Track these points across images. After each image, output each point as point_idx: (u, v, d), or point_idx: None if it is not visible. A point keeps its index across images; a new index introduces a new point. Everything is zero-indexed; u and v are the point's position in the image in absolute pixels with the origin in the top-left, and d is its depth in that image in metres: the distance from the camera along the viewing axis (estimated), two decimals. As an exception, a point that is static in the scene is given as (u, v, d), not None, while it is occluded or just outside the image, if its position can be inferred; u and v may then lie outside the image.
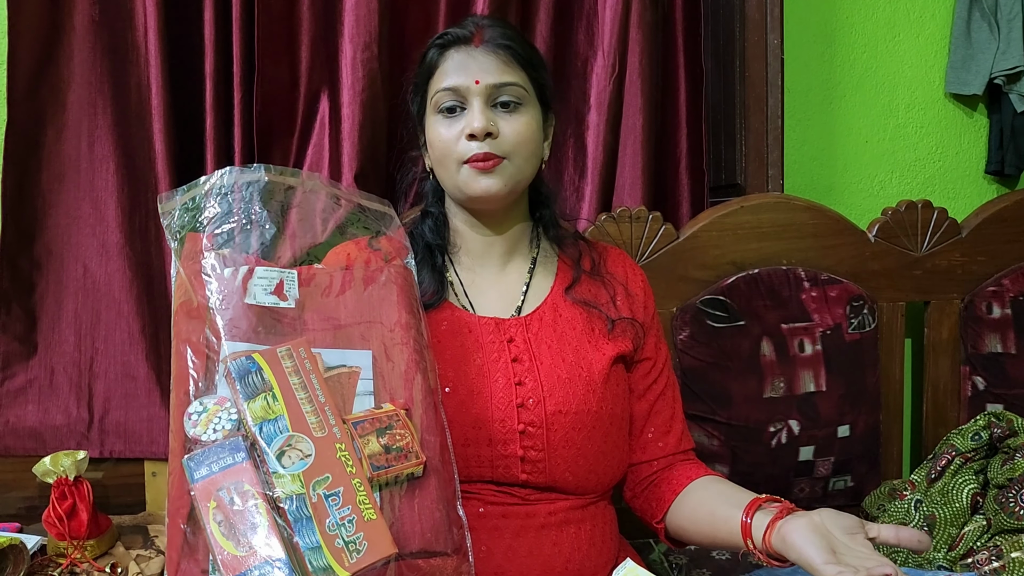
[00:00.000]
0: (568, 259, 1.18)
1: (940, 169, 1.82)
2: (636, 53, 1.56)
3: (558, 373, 1.07)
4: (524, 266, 1.16)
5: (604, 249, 1.23)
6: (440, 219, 1.16)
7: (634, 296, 1.18)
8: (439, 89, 1.08)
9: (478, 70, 1.06)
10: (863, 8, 1.78)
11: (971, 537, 1.32)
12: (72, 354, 1.53)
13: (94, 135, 1.51)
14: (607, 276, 1.18)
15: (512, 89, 1.07)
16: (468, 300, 1.13)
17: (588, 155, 1.60)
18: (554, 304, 1.13)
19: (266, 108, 1.50)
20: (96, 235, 1.52)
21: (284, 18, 1.49)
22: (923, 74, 1.80)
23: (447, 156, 1.07)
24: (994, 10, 1.72)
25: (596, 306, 1.14)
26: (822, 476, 1.57)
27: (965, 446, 1.41)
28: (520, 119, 1.08)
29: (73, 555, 1.34)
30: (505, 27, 1.11)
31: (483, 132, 1.04)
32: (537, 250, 1.18)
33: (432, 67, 1.09)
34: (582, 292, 1.15)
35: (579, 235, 1.24)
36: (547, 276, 1.17)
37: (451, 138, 1.07)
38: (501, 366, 1.07)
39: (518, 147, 1.07)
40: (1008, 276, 1.59)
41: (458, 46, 1.08)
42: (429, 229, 1.16)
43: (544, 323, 1.11)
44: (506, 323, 1.10)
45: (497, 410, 1.04)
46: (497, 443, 1.04)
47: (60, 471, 1.36)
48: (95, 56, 1.49)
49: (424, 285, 1.10)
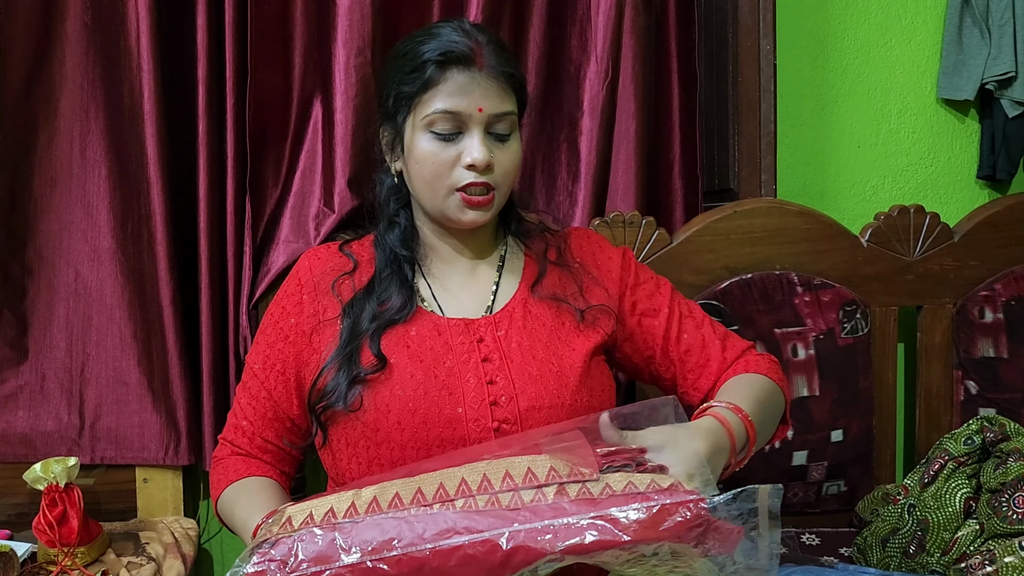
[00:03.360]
0: (534, 253, 1.19)
1: (932, 174, 1.82)
2: (629, 58, 1.56)
3: (529, 370, 1.07)
4: (493, 265, 1.17)
5: (567, 234, 1.23)
6: (408, 229, 1.16)
7: (604, 275, 1.19)
8: (438, 110, 1.05)
9: (481, 96, 1.05)
10: (855, 14, 1.79)
11: (964, 542, 1.32)
12: (63, 359, 1.53)
13: (86, 140, 1.50)
14: (574, 265, 1.19)
15: (509, 118, 1.09)
16: (437, 304, 1.13)
17: (582, 160, 1.60)
18: (523, 301, 1.14)
19: (259, 113, 1.50)
20: (88, 240, 1.52)
21: (277, 23, 1.49)
22: (915, 79, 1.80)
23: (438, 179, 1.07)
24: (985, 16, 1.73)
25: (564, 299, 1.14)
26: (815, 481, 1.57)
27: (958, 450, 1.41)
28: (512, 148, 1.10)
29: (63, 562, 1.33)
30: (502, 47, 1.10)
31: (485, 164, 1.05)
32: (505, 247, 1.19)
33: (429, 82, 1.06)
34: (549, 287, 1.15)
35: (543, 225, 1.25)
36: (515, 273, 1.17)
37: (446, 162, 1.06)
38: (472, 367, 1.07)
39: (508, 176, 1.09)
40: (1000, 281, 1.59)
41: (460, 66, 1.05)
42: (397, 239, 1.15)
43: (514, 321, 1.12)
44: (475, 323, 1.11)
45: (470, 409, 1.05)
46: (471, 442, 1.04)
47: (51, 477, 1.35)
48: (87, 61, 1.48)
49: (392, 300, 1.10)
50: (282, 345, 1.13)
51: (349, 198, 1.52)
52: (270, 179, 1.54)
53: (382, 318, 1.09)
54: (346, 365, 1.06)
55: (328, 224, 1.52)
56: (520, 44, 1.57)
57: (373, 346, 1.07)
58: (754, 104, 1.62)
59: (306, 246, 1.50)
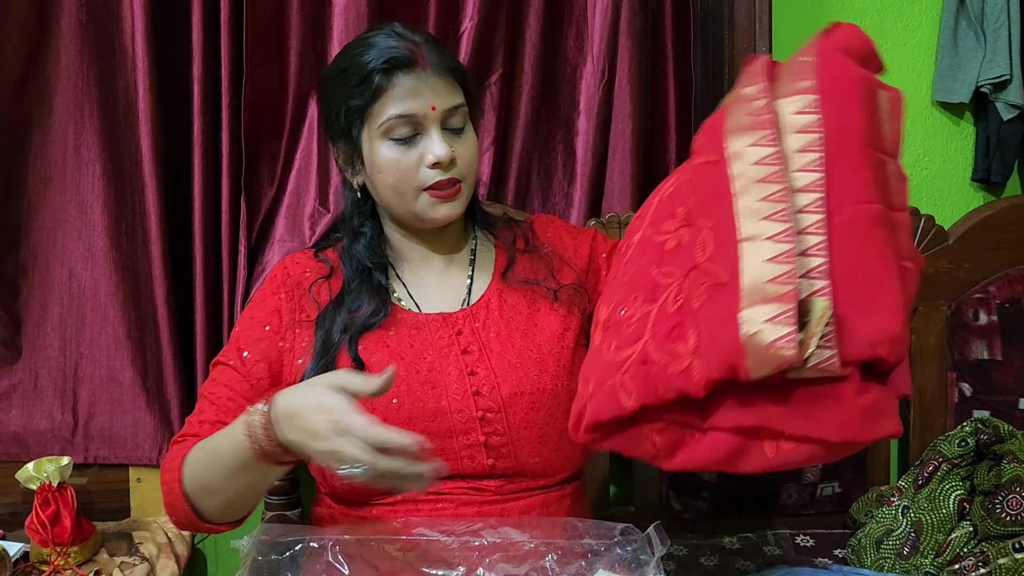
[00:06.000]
0: (503, 243, 1.21)
1: (927, 177, 1.83)
2: (625, 60, 1.56)
3: (508, 358, 1.09)
4: (465, 259, 1.19)
5: (532, 221, 1.26)
6: (375, 238, 1.16)
7: (572, 255, 1.20)
8: (392, 116, 1.06)
9: (432, 95, 1.07)
10: (851, 17, 1.78)
11: (958, 543, 1.32)
12: (57, 359, 1.52)
13: (80, 138, 1.50)
14: (542, 249, 1.20)
15: (461, 111, 1.10)
16: (414, 302, 1.15)
17: (577, 161, 1.61)
18: (498, 290, 1.16)
19: (254, 112, 1.49)
20: (82, 239, 1.51)
21: (273, 22, 1.49)
22: (910, 82, 1.80)
23: (404, 183, 1.08)
24: (980, 19, 1.73)
25: (536, 282, 1.16)
26: (810, 482, 1.57)
27: (952, 452, 1.42)
28: (469, 139, 1.11)
29: (56, 562, 1.33)
30: (439, 44, 1.12)
31: (449, 159, 1.07)
32: (475, 241, 1.21)
33: (378, 91, 1.06)
34: (520, 273, 1.17)
35: (507, 216, 1.27)
36: (487, 264, 1.19)
37: (409, 166, 1.07)
38: (452, 359, 1.09)
39: (471, 167, 1.11)
40: (994, 283, 1.59)
41: (405, 70, 1.06)
42: (364, 250, 1.15)
43: (490, 311, 1.14)
44: (453, 317, 1.13)
45: (454, 400, 1.06)
46: (458, 433, 1.06)
47: (43, 477, 1.35)
48: (82, 59, 1.48)
49: (363, 308, 1.10)
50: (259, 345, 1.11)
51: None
52: (265, 178, 1.54)
53: (355, 326, 1.09)
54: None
55: (323, 224, 1.52)
56: (516, 45, 1.57)
57: (351, 351, 1.08)
58: (750, 106, 1.62)
59: (301, 245, 1.50)
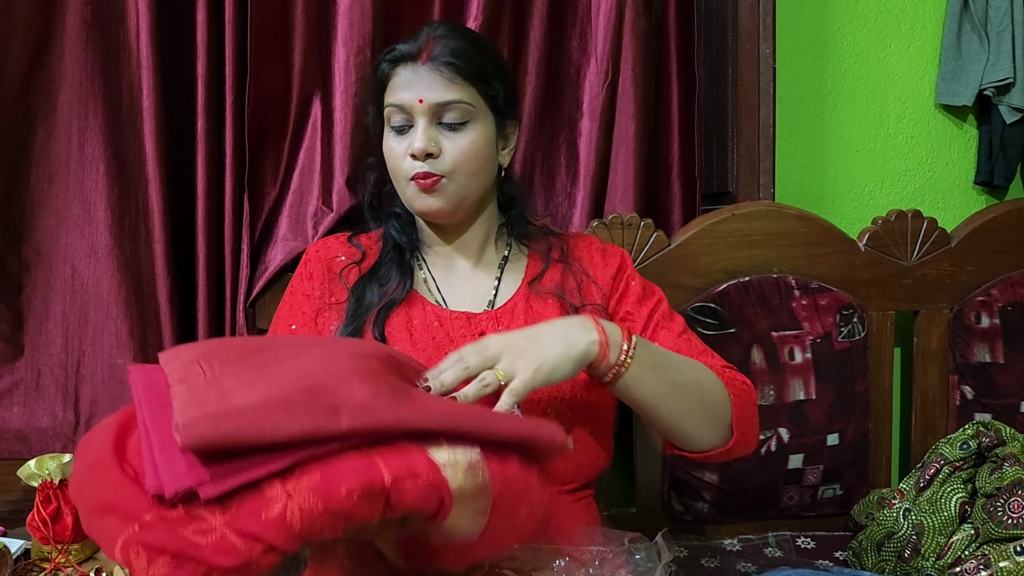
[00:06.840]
0: (538, 253, 1.21)
1: (930, 179, 1.83)
2: (629, 60, 1.56)
3: None
4: (494, 263, 1.20)
5: (573, 237, 1.26)
6: (406, 219, 1.21)
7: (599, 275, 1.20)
8: (389, 104, 1.12)
9: (423, 88, 1.09)
10: (855, 19, 1.79)
11: (959, 546, 1.32)
12: (59, 356, 1.52)
13: (85, 136, 1.50)
14: (574, 264, 1.21)
15: (456, 106, 1.09)
16: (441, 296, 1.16)
17: (580, 161, 1.60)
18: (525, 296, 1.16)
19: (258, 111, 1.50)
20: (85, 236, 1.51)
21: (277, 21, 1.49)
22: (914, 85, 1.81)
23: (396, 171, 1.13)
24: (984, 22, 1.73)
25: (562, 295, 1.16)
26: (811, 484, 1.57)
27: (954, 455, 1.42)
28: (465, 137, 1.10)
29: (57, 559, 1.33)
30: (455, 39, 1.11)
31: (423, 153, 1.08)
32: (508, 249, 1.21)
33: (384, 81, 1.13)
34: (548, 283, 1.17)
35: (548, 229, 1.27)
36: (518, 272, 1.20)
37: (399, 154, 1.11)
38: None
39: (460, 165, 1.10)
40: (997, 286, 1.59)
41: (406, 62, 1.11)
42: (395, 229, 1.20)
43: (515, 316, 1.14)
44: (478, 317, 1.13)
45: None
46: None
47: (45, 474, 1.34)
48: (87, 57, 1.48)
49: (390, 281, 1.14)
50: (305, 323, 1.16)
51: (347, 197, 1.52)
52: (268, 177, 1.54)
53: (384, 299, 1.12)
54: None
55: (326, 223, 1.52)
56: (520, 45, 1.57)
57: (375, 330, 1.09)
58: (753, 107, 1.63)
59: (304, 244, 1.50)
